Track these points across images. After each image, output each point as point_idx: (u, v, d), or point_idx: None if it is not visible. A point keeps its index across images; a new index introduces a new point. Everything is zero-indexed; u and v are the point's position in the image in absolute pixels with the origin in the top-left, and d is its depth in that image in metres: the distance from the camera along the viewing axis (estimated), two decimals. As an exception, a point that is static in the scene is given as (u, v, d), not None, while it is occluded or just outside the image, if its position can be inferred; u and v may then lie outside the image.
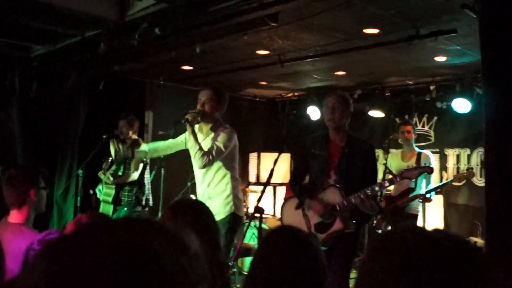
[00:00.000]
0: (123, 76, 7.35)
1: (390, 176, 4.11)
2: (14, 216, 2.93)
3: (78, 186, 6.14)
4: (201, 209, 2.29)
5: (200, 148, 4.21)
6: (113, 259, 0.66)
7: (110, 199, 5.97)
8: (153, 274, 0.67)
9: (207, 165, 4.24)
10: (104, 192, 5.99)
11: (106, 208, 5.97)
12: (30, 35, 5.70)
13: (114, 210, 5.99)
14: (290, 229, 2.08)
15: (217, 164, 4.32)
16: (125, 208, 5.99)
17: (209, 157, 4.20)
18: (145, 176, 6.20)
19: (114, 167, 6.08)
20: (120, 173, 6.06)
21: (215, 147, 4.24)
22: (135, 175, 6.01)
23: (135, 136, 6.26)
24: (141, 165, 6.08)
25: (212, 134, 4.37)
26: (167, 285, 0.68)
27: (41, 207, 3.08)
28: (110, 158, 6.14)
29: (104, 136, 6.07)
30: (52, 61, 6.27)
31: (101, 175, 5.95)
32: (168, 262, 0.69)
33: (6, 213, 3.00)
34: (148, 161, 6.14)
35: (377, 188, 3.73)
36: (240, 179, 4.61)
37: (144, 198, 6.14)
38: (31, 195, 2.96)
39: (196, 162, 4.28)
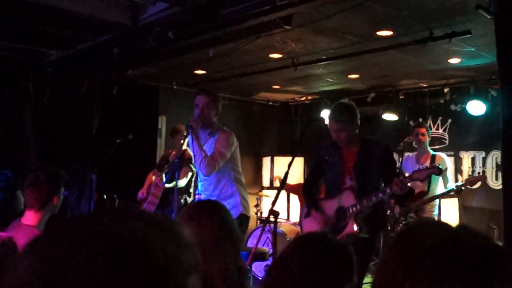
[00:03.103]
0: (136, 81, 7.39)
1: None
2: (29, 218, 2.95)
3: (92, 190, 6.17)
4: (227, 212, 2.23)
5: (206, 156, 4.21)
6: (97, 248, 0.63)
7: None
8: (142, 263, 0.63)
9: (213, 171, 4.25)
10: None
11: None
12: (43, 40, 5.74)
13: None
14: (319, 234, 2.09)
15: (222, 167, 4.33)
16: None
17: (215, 163, 4.21)
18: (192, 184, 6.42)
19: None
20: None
21: (218, 153, 4.25)
22: (181, 182, 6.13)
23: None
24: (190, 173, 6.23)
25: (212, 139, 4.38)
26: (158, 274, 0.64)
27: (56, 211, 3.11)
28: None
29: (118, 141, 6.10)
30: (65, 66, 6.31)
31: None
32: (157, 250, 0.65)
33: (19, 215, 3.02)
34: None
35: (388, 191, 3.70)
36: (244, 180, 4.60)
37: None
38: (53, 200, 2.98)
39: (202, 169, 4.27)
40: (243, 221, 4.33)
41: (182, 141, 6.35)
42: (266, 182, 9.11)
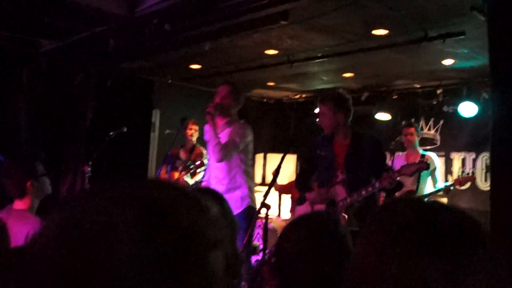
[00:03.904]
0: (131, 74, 7.38)
1: None
2: (17, 204, 2.97)
3: (84, 182, 6.17)
4: (226, 202, 2.25)
5: (219, 142, 4.31)
6: (128, 212, 0.66)
7: None
8: (170, 232, 0.66)
9: (224, 158, 4.35)
10: None
11: None
12: (39, 30, 5.71)
13: None
14: (318, 215, 2.06)
15: (233, 159, 4.40)
16: None
17: (227, 151, 4.31)
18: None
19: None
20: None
21: (231, 142, 4.34)
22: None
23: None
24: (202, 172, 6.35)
25: (228, 129, 4.45)
26: (182, 242, 0.67)
27: (44, 192, 3.08)
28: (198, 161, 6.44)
29: (112, 133, 6.10)
30: (60, 57, 6.30)
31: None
32: (184, 220, 0.68)
33: (10, 201, 3.03)
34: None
35: (377, 185, 3.75)
36: (253, 174, 4.66)
37: None
38: (28, 186, 2.97)
39: (214, 155, 4.37)
40: (251, 213, 4.35)
41: (191, 135, 6.86)
42: (258, 178, 9.14)
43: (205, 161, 6.15)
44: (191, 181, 6.34)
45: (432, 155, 6.34)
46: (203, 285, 0.68)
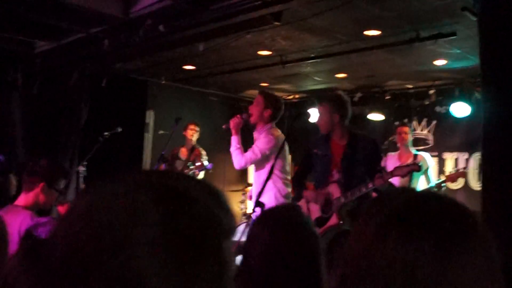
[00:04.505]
0: (125, 74, 7.39)
1: None
2: (20, 199, 3.00)
3: (79, 183, 6.18)
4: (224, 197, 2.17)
5: (235, 151, 4.59)
6: (148, 196, 0.68)
7: None
8: (188, 217, 0.69)
9: (238, 166, 4.65)
10: None
11: None
12: (34, 30, 5.72)
13: None
14: (280, 208, 2.02)
15: (265, 166, 4.50)
16: None
17: (241, 159, 4.55)
18: None
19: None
20: None
21: (251, 150, 4.56)
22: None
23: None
24: (202, 172, 6.50)
25: (257, 137, 4.68)
26: (201, 230, 0.69)
27: (45, 205, 3.11)
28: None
29: (106, 134, 6.11)
30: (55, 57, 6.30)
31: None
32: (203, 208, 0.71)
33: (11, 200, 3.06)
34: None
35: (370, 185, 3.79)
36: (287, 180, 4.70)
37: None
38: (39, 186, 3.00)
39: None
40: None
41: (191, 136, 6.97)
42: (251, 179, 9.15)
43: (205, 163, 6.28)
44: None
45: (425, 155, 6.39)
46: (216, 271, 0.70)
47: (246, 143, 4.80)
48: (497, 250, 0.91)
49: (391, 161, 6.23)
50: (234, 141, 4.66)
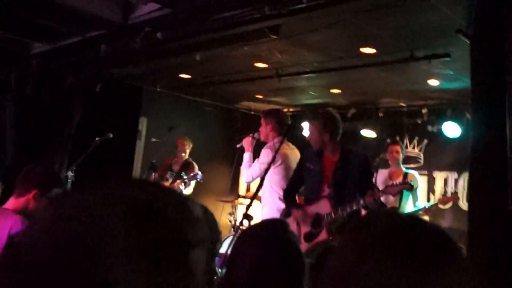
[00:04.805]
0: (120, 80, 7.36)
1: None
2: (9, 203, 2.97)
3: (66, 188, 6.12)
4: (207, 209, 2.21)
5: (245, 166, 5.05)
6: (116, 208, 0.70)
7: None
8: (153, 230, 0.71)
9: (245, 179, 5.19)
10: None
11: None
12: (30, 31, 5.70)
13: None
14: (267, 223, 2.04)
15: (267, 179, 4.52)
16: None
17: (246, 173, 5.00)
18: None
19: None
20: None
21: (253, 166, 4.93)
22: (188, 191, 6.74)
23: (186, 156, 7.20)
24: (193, 182, 6.77)
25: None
26: (165, 242, 0.71)
27: (33, 212, 3.08)
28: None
29: (97, 139, 6.09)
30: (51, 59, 6.29)
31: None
32: (168, 220, 0.73)
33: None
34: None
35: (361, 202, 3.80)
36: (279, 195, 4.90)
37: None
38: (31, 193, 2.98)
39: None
40: None
41: (183, 152, 7.20)
42: (242, 190, 9.16)
43: (199, 173, 6.55)
44: (185, 191, 6.45)
45: (415, 173, 6.45)
46: (182, 280, 0.73)
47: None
48: (474, 279, 0.92)
49: (381, 178, 6.26)
50: (246, 157, 5.04)
